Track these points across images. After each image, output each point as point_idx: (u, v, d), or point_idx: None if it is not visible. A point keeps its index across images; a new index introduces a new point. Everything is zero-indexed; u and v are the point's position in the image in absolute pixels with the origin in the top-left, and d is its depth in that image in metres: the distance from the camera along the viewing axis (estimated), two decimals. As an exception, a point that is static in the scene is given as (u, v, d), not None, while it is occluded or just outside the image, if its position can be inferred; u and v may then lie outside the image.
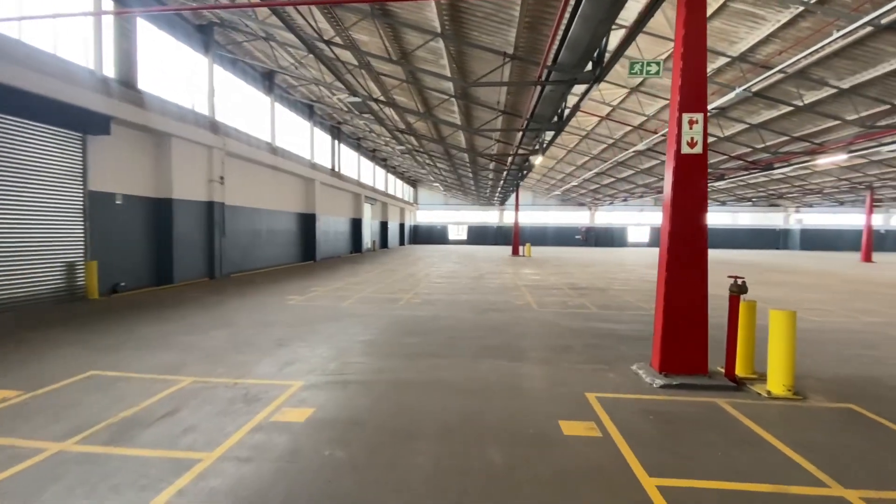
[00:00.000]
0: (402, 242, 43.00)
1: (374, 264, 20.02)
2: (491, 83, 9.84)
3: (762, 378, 4.73)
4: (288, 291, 10.97)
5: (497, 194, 39.75)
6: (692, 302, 4.67)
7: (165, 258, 11.48)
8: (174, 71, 12.10)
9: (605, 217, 49.04)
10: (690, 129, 4.60)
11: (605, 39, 7.88)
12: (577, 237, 48.70)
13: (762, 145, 17.21)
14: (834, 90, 12.27)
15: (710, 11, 10.61)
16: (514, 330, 7.05)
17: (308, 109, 20.23)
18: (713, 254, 34.82)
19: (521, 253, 28.76)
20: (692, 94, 4.61)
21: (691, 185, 4.65)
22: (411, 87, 13.97)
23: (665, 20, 10.04)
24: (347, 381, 4.58)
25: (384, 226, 35.79)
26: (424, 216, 49.72)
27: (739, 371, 4.88)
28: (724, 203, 43.80)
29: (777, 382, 4.34)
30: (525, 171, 22.37)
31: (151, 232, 11.29)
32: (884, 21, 8.39)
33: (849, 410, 4.02)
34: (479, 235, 49.30)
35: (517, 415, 3.79)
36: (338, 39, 10.64)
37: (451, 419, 3.69)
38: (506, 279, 14.40)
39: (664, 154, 22.30)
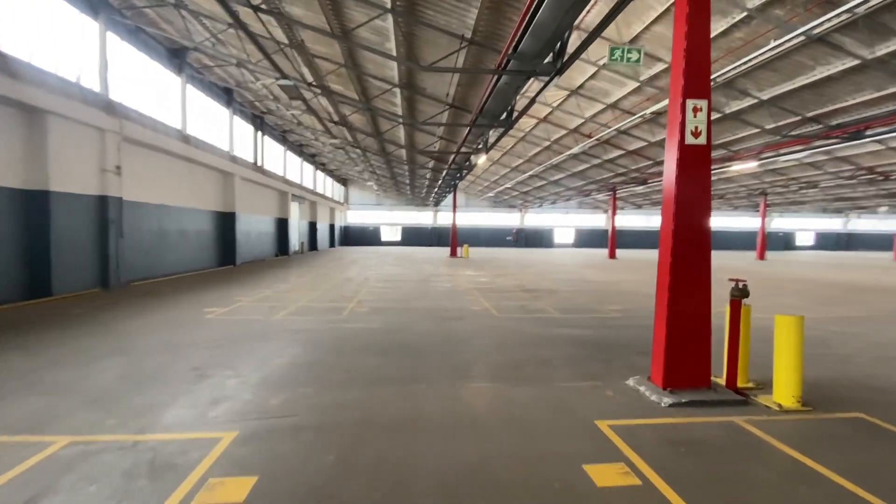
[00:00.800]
0: (332, 244, 40.79)
1: (305, 268, 18.32)
2: (445, 69, 9.04)
3: (761, 387, 4.43)
4: (205, 302, 9.28)
5: (433, 195, 39.16)
6: (697, 309, 4.24)
7: (40, 265, 9.19)
8: (54, 36, 9.79)
9: (535, 219, 50.61)
10: (695, 116, 4.15)
11: (568, 32, 7.47)
12: (508, 238, 49.71)
13: None
14: (755, 100, 13.19)
15: (655, 15, 10.80)
16: (482, 342, 6.31)
17: (227, 95, 17.99)
18: (640, 254, 37.56)
19: (459, 254, 28.37)
20: (696, 78, 4.17)
21: (696, 179, 4.21)
22: (350, 74, 12.74)
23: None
24: (299, 426, 3.50)
25: (313, 226, 33.53)
26: (356, 216, 47.75)
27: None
28: (640, 206, 47.13)
29: (786, 393, 4.02)
30: (465, 171, 21.95)
31: (20, 232, 8.96)
32: (815, 31, 8.88)
33: (861, 421, 3.78)
34: (414, 236, 48.41)
35: (531, 462, 3.01)
36: (265, 6, 9.20)
37: (451, 476, 2.81)
38: (454, 282, 13.70)
39: (596, 157, 23.20)
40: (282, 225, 25.47)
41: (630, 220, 51.39)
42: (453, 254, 27.86)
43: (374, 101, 14.71)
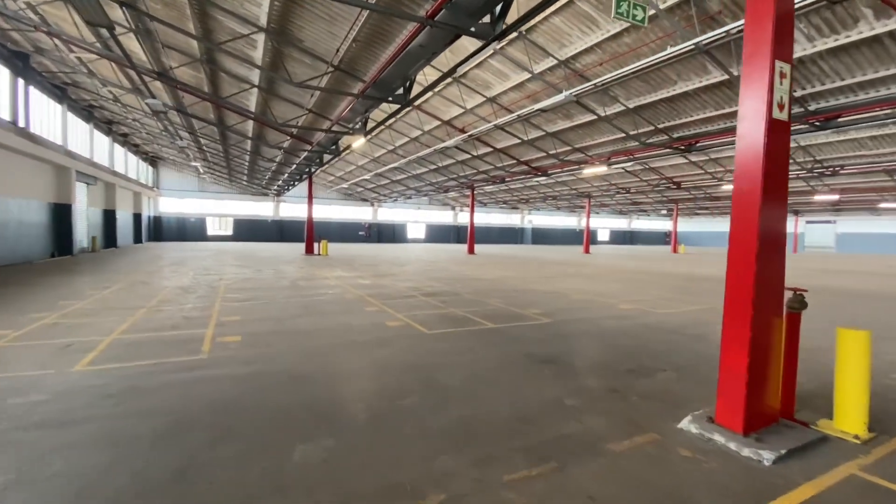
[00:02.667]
0: (139, 239, 32.15)
1: (107, 273, 13.18)
2: (357, 3, 6.76)
3: (810, 410, 3.87)
4: (-88, 348, 5.14)
5: (278, 183, 34.18)
6: (775, 323, 3.38)
7: None
8: None
9: (388, 213, 49.37)
10: (780, 84, 3.24)
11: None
12: (360, 233, 47.38)
13: (553, 151, 19.34)
14: (622, 108, 14.28)
15: (558, 6, 10.42)
16: (448, 380, 4.56)
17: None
18: (492, 249, 39.65)
19: (316, 251, 25.11)
20: (785, 35, 3.25)
21: (781, 166, 3.31)
22: (190, 4, 9.08)
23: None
24: None
25: (110, 216, 25.58)
26: (172, 205, 38.83)
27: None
28: (485, 204, 50.27)
29: (856, 421, 3.46)
30: (331, 156, 19.08)
31: None
32: (704, 43, 9.55)
33: (926, 443, 3.41)
34: (249, 230, 41.92)
35: None
36: None
37: None
38: (335, 287, 11.28)
39: (466, 153, 22.98)
40: (61, 213, 18.37)
41: (480, 217, 54.40)
42: (309, 251, 24.49)
43: (219, 52, 11.09)
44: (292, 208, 43.68)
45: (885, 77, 9.95)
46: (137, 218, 31.94)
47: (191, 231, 39.52)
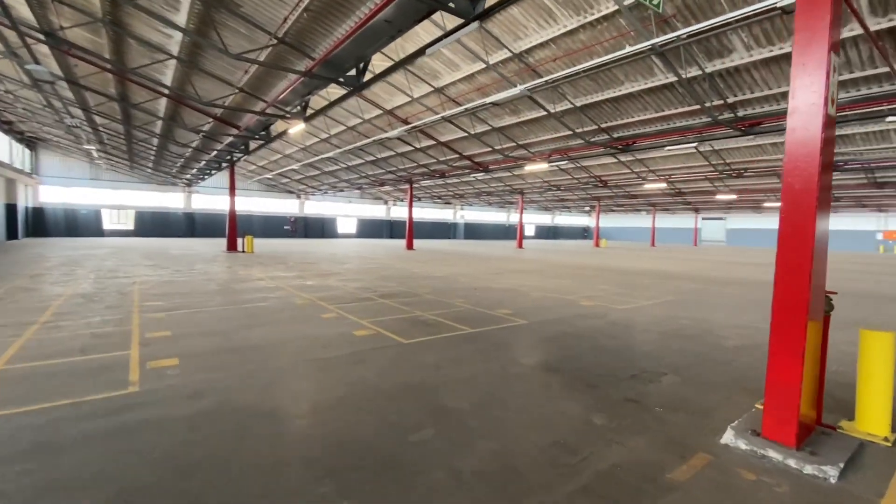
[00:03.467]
0: (12, 235, 26.98)
1: (-28, 279, 10.58)
2: None
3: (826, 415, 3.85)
4: None
5: (192, 172, 30.59)
6: (825, 327, 3.24)
7: None
8: None
9: (316, 207, 46.76)
10: (833, 77, 3.07)
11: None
12: (285, 228, 44.36)
13: (499, 147, 19.24)
14: (570, 106, 14.46)
15: (518, -6, 10.10)
16: (456, 402, 3.95)
17: None
18: (430, 244, 38.99)
19: (241, 248, 22.79)
20: (836, 23, 3.07)
21: (828, 165, 3.14)
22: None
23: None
24: None
25: (-28, 207, 21.03)
26: (56, 195, 33.18)
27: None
28: (419, 199, 49.56)
29: (883, 422, 3.46)
30: (261, 143, 17.18)
31: None
32: (660, 45, 9.77)
33: (937, 438, 3.50)
34: (158, 224, 37.24)
35: None
36: None
37: None
38: (277, 291, 10.04)
39: (409, 145, 22.10)
40: None
41: (418, 213, 53.55)
42: (232, 247, 22.13)
43: (128, 12, 9.24)
44: (207, 200, 39.59)
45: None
46: (11, 210, 26.74)
47: (83, 225, 34.10)
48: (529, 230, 68.28)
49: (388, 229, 52.28)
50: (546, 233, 70.38)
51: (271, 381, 4.34)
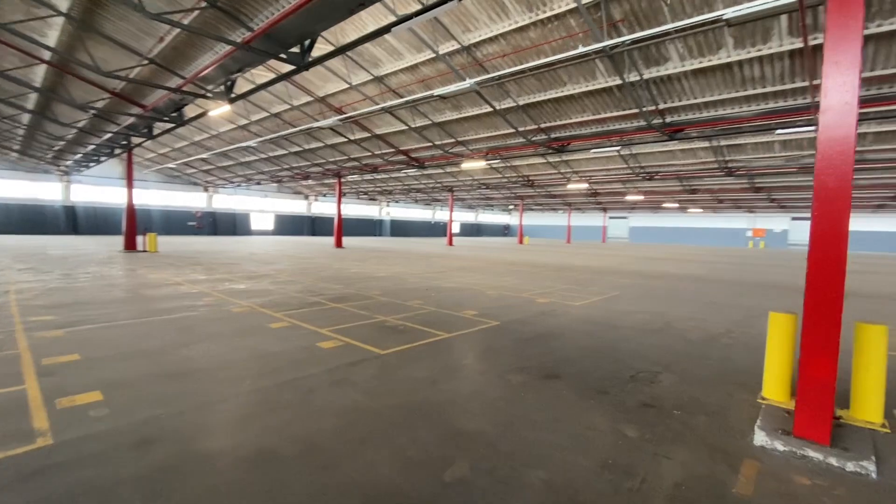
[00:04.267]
0: None
1: None
2: None
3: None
4: None
5: (74, 157, 25.95)
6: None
7: None
8: None
9: (226, 201, 42.65)
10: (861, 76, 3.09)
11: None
12: (191, 223, 39.87)
13: (440, 142, 18.81)
14: (513, 104, 14.52)
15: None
16: (475, 425, 3.47)
17: None
18: (358, 242, 37.24)
19: (141, 247, 19.77)
20: (861, 23, 3.10)
21: (852, 163, 3.18)
22: None
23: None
24: None
25: None
26: None
27: (782, 398, 4.02)
28: (345, 194, 47.54)
29: (877, 410, 3.65)
30: (170, 126, 14.83)
31: None
32: (609, 48, 10.03)
33: (915, 421, 3.79)
34: (28, 219, 31.17)
35: None
36: None
37: None
38: (203, 297, 8.65)
39: (342, 136, 20.72)
40: None
41: (330, 206, 51.25)
42: (131, 246, 19.11)
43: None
44: (91, 191, 34.11)
45: (725, 99, 12.10)
46: None
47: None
48: (454, 227, 69.14)
49: (310, 226, 49.49)
50: (470, 230, 71.80)
51: (240, 416, 3.49)
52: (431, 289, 10.63)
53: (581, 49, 9.68)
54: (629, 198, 35.75)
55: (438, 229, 65.48)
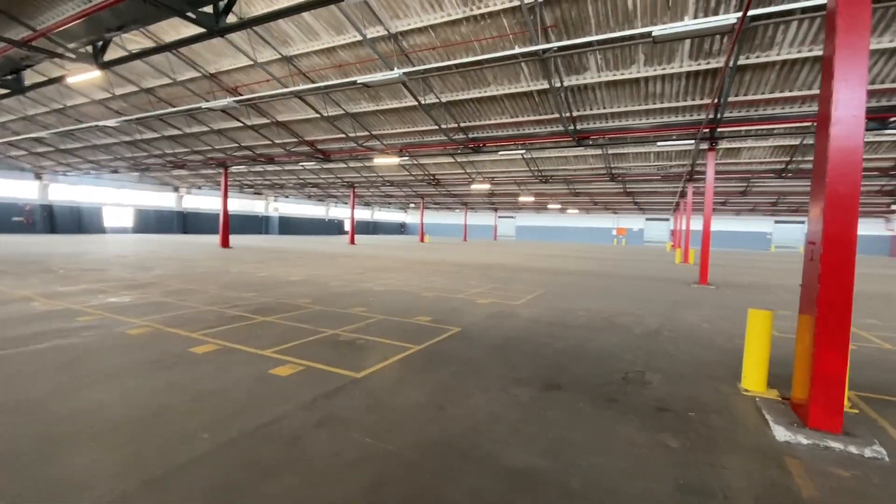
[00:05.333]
0: None
1: None
2: None
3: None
4: None
5: None
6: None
7: None
8: None
9: (68, 192, 34.90)
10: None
11: None
12: (18, 219, 31.79)
13: (353, 134, 17.53)
14: (435, 100, 14.14)
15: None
16: (508, 454, 3.01)
17: None
18: (244, 241, 33.00)
19: (-54, 250, 14.89)
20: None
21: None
22: None
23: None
24: None
25: None
26: None
27: (761, 388, 4.36)
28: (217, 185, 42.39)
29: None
30: (3, 93, 11.19)
31: None
32: (542, 52, 10.20)
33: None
34: None
35: None
36: None
37: None
38: (74, 315, 6.63)
39: (237, 121, 18.11)
40: None
41: (207, 200, 45.48)
42: (-71, 249, 14.25)
43: None
44: None
45: (629, 111, 13.31)
46: None
47: None
48: (348, 225, 66.68)
49: (181, 222, 43.12)
50: (366, 228, 69.91)
51: (220, 494, 2.53)
52: (362, 292, 9.77)
53: (518, 49, 9.75)
54: (521, 198, 38.09)
55: (333, 227, 62.46)
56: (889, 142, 15.86)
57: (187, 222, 43.59)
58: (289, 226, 54.67)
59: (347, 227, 66.04)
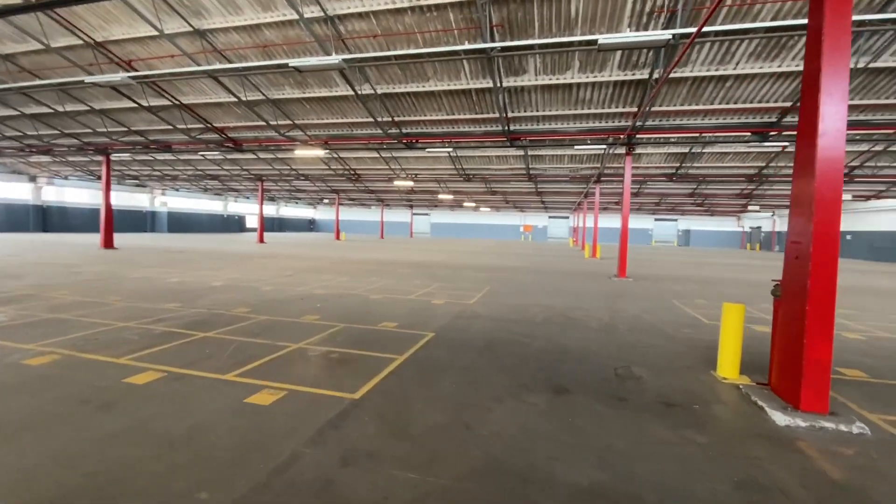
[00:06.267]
0: None
1: None
2: None
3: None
4: None
5: None
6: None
7: None
8: None
9: None
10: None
11: None
12: None
13: (275, 122, 15.88)
14: (370, 92, 13.43)
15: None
16: (567, 473, 2.85)
17: None
18: (124, 240, 28.06)
19: None
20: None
21: (831, 180, 3.85)
22: None
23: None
24: None
25: None
26: None
27: (735, 375, 4.78)
28: (98, 178, 36.14)
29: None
30: None
31: None
32: (492, 51, 10.15)
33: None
34: None
35: None
36: None
37: None
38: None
39: (130, 100, 15.38)
40: None
41: (74, 193, 38.66)
42: None
43: None
44: None
45: (559, 115, 13.95)
46: None
47: None
48: (253, 221, 61.51)
49: (40, 219, 35.95)
50: (271, 224, 65.06)
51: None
52: (308, 298, 8.92)
53: (467, 45, 9.59)
54: (441, 196, 38.42)
55: (233, 224, 57.04)
56: (756, 153, 18.82)
57: (49, 218, 36.47)
58: (180, 222, 48.63)
59: (249, 223, 60.86)
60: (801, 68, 10.52)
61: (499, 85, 12.37)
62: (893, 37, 9.33)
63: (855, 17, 8.04)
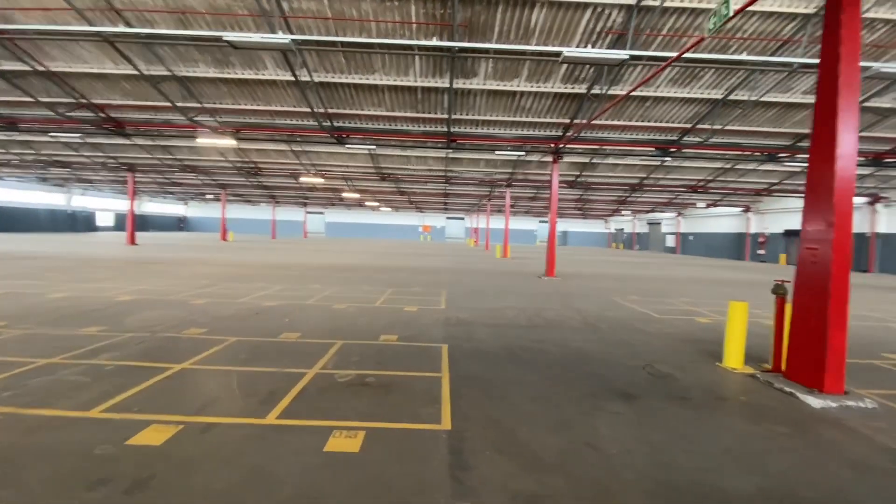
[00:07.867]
0: None
1: None
2: None
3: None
4: None
5: None
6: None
7: None
8: None
9: None
10: (843, 137, 4.47)
11: None
12: None
13: (182, 104, 13.28)
14: (307, 78, 12.14)
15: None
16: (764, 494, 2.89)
17: None
18: (23, 242, 20.70)
19: None
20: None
21: (838, 196, 4.54)
22: None
23: None
24: None
25: None
26: None
27: (740, 365, 5.41)
28: None
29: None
30: None
31: None
32: (457, 49, 9.90)
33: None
34: None
35: None
36: None
37: None
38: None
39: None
40: None
41: None
42: None
43: None
44: None
45: (501, 121, 14.30)
46: None
47: None
48: (107, 218, 51.70)
49: None
50: (121, 221, 55.27)
51: None
52: (262, 312, 7.72)
53: (436, 42, 9.28)
54: (346, 195, 36.81)
55: (79, 222, 47.14)
56: (640, 165, 21.70)
57: None
58: (5, 219, 38.54)
59: (100, 221, 51.01)
60: (704, 96, 12.41)
61: (449, 85, 12.22)
62: (745, 75, 11.45)
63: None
